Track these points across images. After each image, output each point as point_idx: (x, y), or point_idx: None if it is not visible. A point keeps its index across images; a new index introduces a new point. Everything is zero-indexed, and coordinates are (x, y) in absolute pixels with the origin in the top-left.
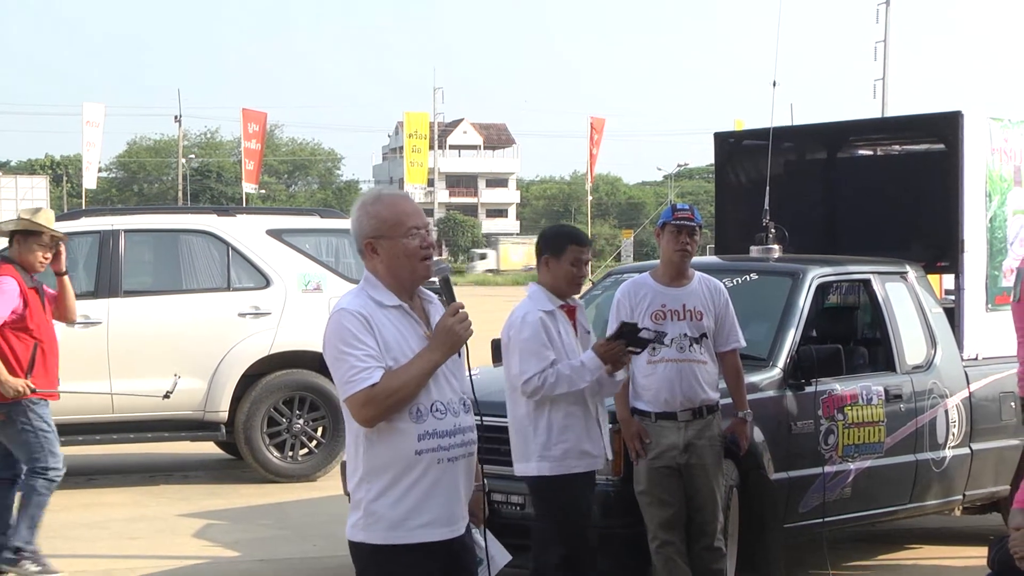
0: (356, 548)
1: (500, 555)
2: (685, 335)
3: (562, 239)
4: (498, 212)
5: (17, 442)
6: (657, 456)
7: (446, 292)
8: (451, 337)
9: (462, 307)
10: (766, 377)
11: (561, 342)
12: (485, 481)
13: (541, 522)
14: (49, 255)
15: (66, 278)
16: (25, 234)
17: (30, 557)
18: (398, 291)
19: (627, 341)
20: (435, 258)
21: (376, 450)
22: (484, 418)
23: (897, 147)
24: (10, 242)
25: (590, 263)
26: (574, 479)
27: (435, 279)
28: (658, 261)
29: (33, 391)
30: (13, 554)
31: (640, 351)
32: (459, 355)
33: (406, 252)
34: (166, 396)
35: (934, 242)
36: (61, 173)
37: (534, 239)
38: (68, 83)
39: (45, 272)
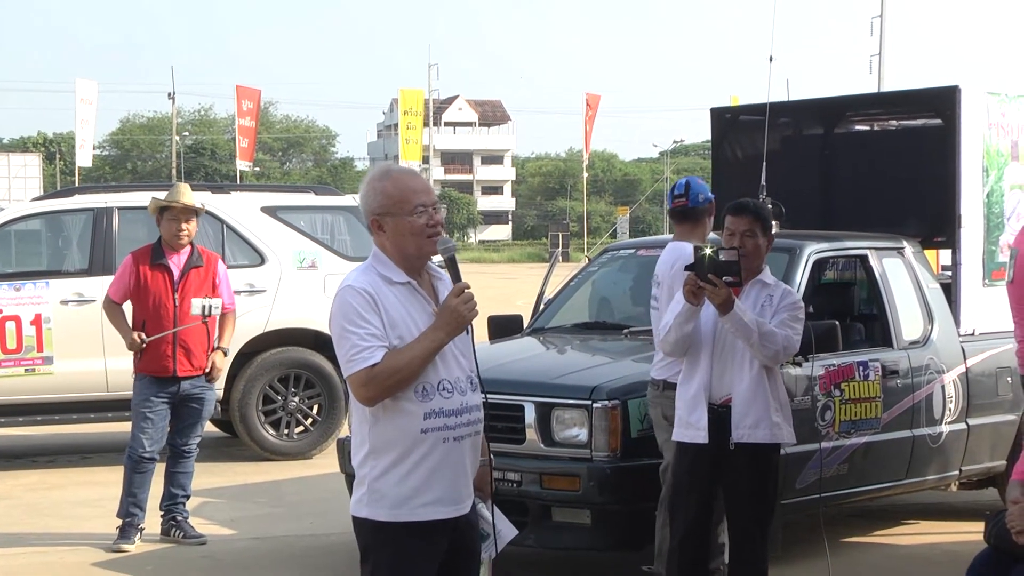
0: (359, 524)
1: (507, 530)
2: None
3: (726, 211)
4: (493, 189)
5: None
6: None
7: (451, 272)
8: (455, 318)
9: (467, 287)
10: None
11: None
12: (492, 456)
13: None
14: (185, 227)
15: (230, 314)
16: (162, 211)
17: (123, 529)
18: (406, 268)
19: (706, 268)
20: (442, 236)
21: (382, 427)
22: (486, 395)
23: (894, 122)
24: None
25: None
26: (681, 448)
27: (441, 256)
28: (663, 236)
29: (143, 342)
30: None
31: (736, 280)
32: (466, 333)
33: (412, 230)
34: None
35: (931, 217)
36: (54, 151)
37: None
38: (61, 60)
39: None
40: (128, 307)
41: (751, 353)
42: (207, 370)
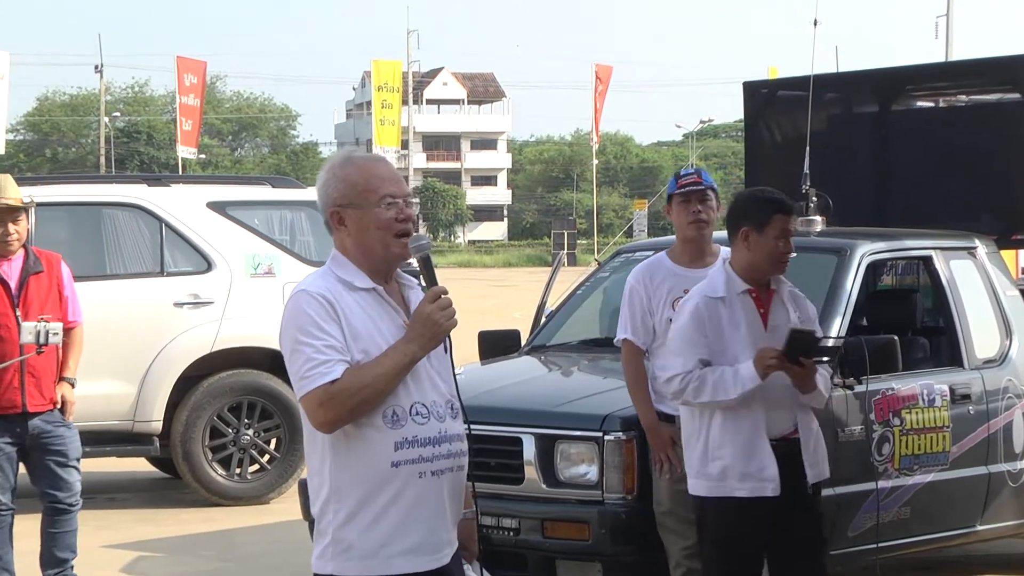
0: None
1: None
2: None
3: (766, 207)
4: (485, 179)
5: None
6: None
7: (426, 275)
8: (430, 327)
9: (445, 292)
10: None
11: (728, 338)
12: (478, 507)
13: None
14: (13, 228)
15: (75, 331)
16: None
17: None
18: (371, 271)
19: (799, 352)
20: (414, 234)
21: (344, 462)
22: (470, 425)
23: (964, 97)
24: None
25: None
26: (733, 504)
27: (413, 260)
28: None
29: None
30: None
31: (827, 360)
32: (444, 350)
33: (378, 224)
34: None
35: (1008, 211)
36: None
37: None
38: None
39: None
40: None
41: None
42: (58, 405)
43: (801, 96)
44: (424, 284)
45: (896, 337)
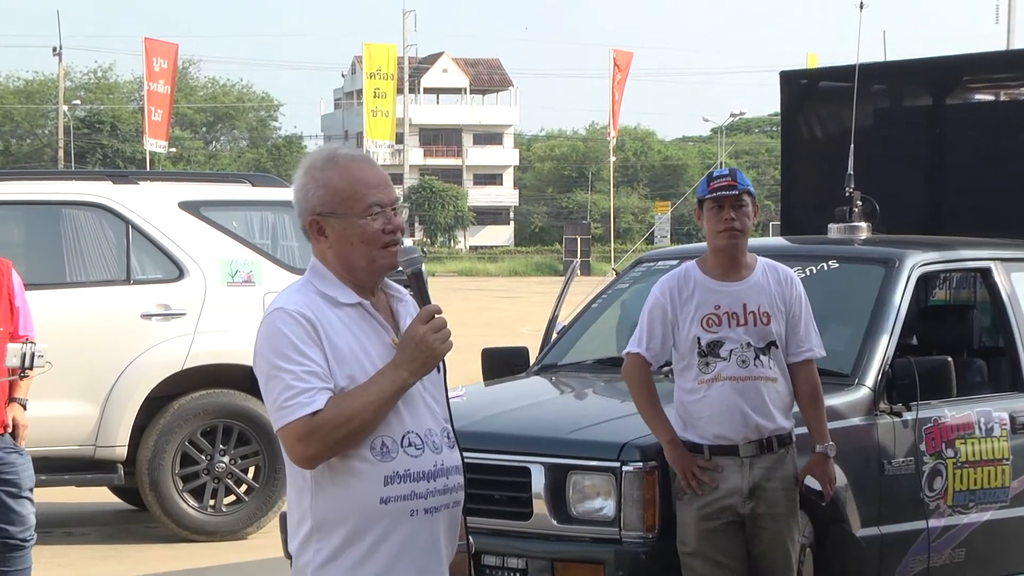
0: None
1: None
2: (748, 345)
3: None
4: (490, 178)
5: None
6: (711, 504)
7: (417, 291)
8: (423, 351)
9: (439, 312)
10: (850, 399)
11: None
12: (471, 540)
13: None
14: None
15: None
16: None
17: None
18: (355, 285)
19: None
20: (405, 244)
21: (328, 497)
22: (467, 454)
23: None
24: None
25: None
26: None
27: (403, 271)
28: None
29: None
30: None
31: None
32: (437, 371)
33: (363, 237)
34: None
35: None
36: None
37: None
38: None
39: None
40: None
41: None
42: (9, 429)
43: (845, 88)
44: (416, 301)
45: (950, 358)
